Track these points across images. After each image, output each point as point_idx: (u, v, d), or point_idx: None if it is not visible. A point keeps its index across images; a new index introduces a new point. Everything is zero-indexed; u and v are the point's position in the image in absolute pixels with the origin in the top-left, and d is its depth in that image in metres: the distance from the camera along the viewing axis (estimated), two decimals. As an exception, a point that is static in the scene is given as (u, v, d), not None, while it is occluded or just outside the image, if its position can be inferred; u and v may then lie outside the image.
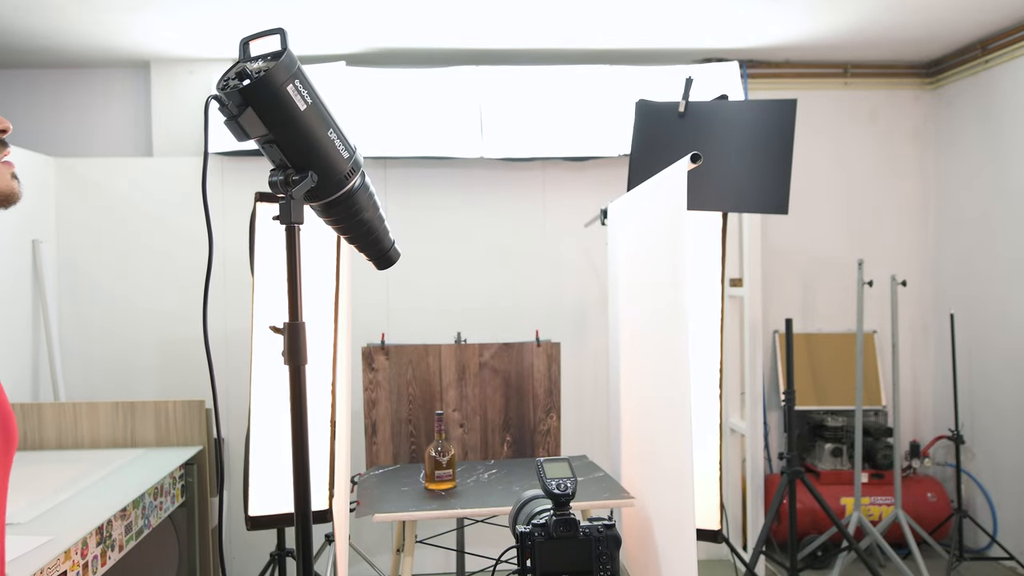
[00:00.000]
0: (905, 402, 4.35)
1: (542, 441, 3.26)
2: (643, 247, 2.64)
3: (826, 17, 3.58)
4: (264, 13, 3.36)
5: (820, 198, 4.34)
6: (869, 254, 4.28)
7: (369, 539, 3.93)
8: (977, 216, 4.10)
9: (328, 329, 2.67)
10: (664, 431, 2.40)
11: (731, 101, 3.03)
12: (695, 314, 3.02)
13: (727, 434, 4.01)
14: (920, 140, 4.45)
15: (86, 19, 3.39)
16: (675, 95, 3.02)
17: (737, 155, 2.88)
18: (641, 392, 2.69)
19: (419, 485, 2.75)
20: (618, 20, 3.57)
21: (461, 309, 3.99)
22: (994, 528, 3.99)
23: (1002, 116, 3.92)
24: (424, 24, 3.57)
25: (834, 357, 4.28)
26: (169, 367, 3.85)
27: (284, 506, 2.74)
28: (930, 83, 4.41)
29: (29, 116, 4.06)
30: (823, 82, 4.35)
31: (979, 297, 4.08)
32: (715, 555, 3.97)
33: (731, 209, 2.99)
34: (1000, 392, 3.94)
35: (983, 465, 4.09)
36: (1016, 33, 3.74)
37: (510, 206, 4.08)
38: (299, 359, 1.19)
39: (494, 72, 3.90)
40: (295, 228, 1.19)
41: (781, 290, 4.34)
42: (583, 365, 4.06)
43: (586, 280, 4.08)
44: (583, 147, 3.89)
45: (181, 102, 3.98)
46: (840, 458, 4.11)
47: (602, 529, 1.43)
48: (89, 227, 3.82)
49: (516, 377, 3.24)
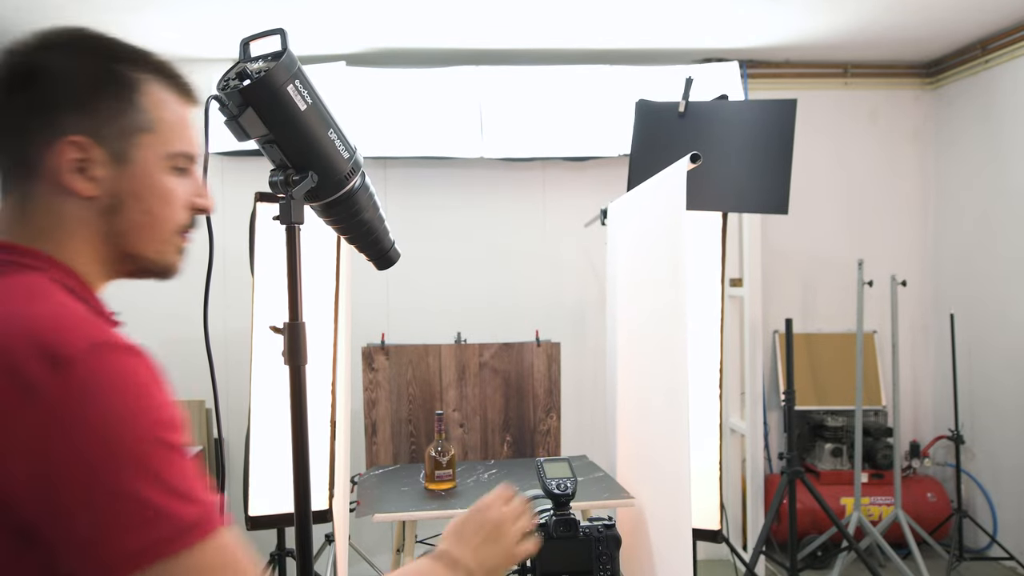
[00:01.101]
0: (905, 402, 4.35)
1: (542, 441, 3.26)
2: (643, 247, 2.64)
3: (826, 17, 3.58)
4: (264, 13, 3.36)
5: (820, 198, 4.33)
6: (869, 254, 4.27)
7: (369, 539, 3.93)
8: (977, 216, 4.11)
9: (328, 329, 2.67)
10: (662, 431, 2.40)
11: (731, 101, 3.03)
12: (695, 314, 3.02)
13: (727, 434, 4.01)
14: (920, 140, 4.45)
15: (86, 19, 3.38)
16: (675, 95, 3.02)
17: (737, 155, 2.88)
18: (640, 392, 2.69)
19: (419, 485, 2.75)
20: (618, 20, 3.58)
21: (461, 309, 3.99)
22: (994, 528, 3.99)
23: (1002, 116, 3.92)
24: (424, 24, 3.57)
25: (834, 357, 4.28)
26: (169, 367, 3.83)
27: (284, 506, 2.73)
28: (930, 83, 4.41)
29: (29, 116, 4.06)
30: (823, 82, 4.35)
31: (979, 297, 4.08)
32: (715, 555, 3.97)
33: (731, 209, 2.99)
34: (1000, 392, 3.94)
35: (983, 465, 4.09)
36: (1016, 33, 3.74)
37: (510, 206, 4.08)
38: (299, 359, 1.19)
39: (494, 72, 3.90)
40: (295, 228, 1.19)
41: (781, 290, 4.34)
42: (583, 365, 4.06)
43: (586, 280, 4.08)
44: (583, 147, 3.89)
45: (181, 102, 3.98)
46: (840, 458, 4.11)
47: (602, 529, 1.44)
48: (89, 227, 3.83)
49: (516, 377, 3.24)
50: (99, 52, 0.83)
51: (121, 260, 0.88)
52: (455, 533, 1.04)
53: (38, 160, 0.81)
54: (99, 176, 0.83)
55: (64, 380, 0.69)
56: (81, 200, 0.83)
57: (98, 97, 0.82)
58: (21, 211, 0.83)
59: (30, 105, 0.80)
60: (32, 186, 0.82)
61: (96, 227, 0.84)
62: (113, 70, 0.83)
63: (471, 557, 1.00)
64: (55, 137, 0.81)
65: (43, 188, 0.82)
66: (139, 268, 0.90)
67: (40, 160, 0.81)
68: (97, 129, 0.81)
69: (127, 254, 0.87)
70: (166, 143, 0.86)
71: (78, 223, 0.83)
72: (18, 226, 0.82)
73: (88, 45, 0.83)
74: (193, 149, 0.90)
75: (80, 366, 0.70)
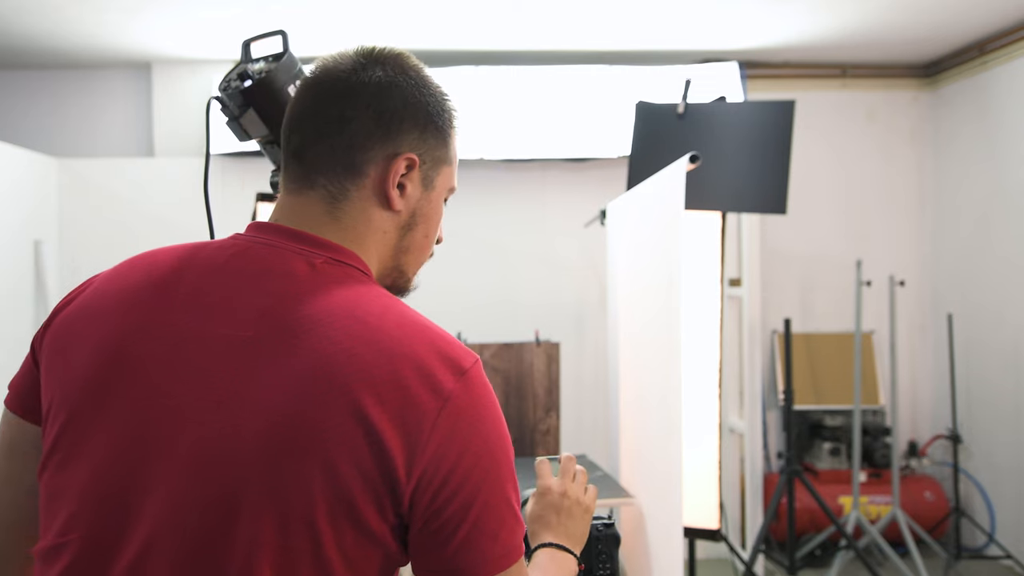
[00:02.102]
0: (903, 401, 4.36)
1: (542, 440, 3.27)
2: (642, 247, 2.66)
3: (825, 18, 3.59)
4: (265, 14, 3.37)
5: (818, 198, 4.34)
6: (867, 254, 4.28)
7: (369, 538, 3.93)
8: (975, 216, 4.12)
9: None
10: (658, 430, 2.42)
11: (730, 102, 3.04)
12: (694, 314, 3.03)
13: (726, 433, 4.02)
14: (918, 140, 4.46)
15: (88, 20, 3.40)
16: (674, 95, 3.03)
17: (736, 155, 2.89)
18: (638, 391, 2.70)
19: (419, 484, 2.76)
20: (617, 20, 3.59)
21: (461, 309, 4.00)
22: (992, 527, 4.00)
23: (1000, 117, 3.93)
24: (424, 24, 3.58)
25: (832, 357, 4.29)
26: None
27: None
28: (928, 84, 4.42)
29: (31, 117, 4.07)
30: (821, 83, 4.36)
31: (977, 297, 4.10)
32: (714, 554, 3.98)
33: (730, 209, 3.00)
34: (998, 391, 3.95)
35: (981, 464, 4.10)
36: (1014, 34, 3.75)
37: (510, 206, 4.09)
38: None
39: (494, 72, 3.92)
40: (297, 228, 1.20)
41: (780, 290, 4.35)
42: (583, 365, 4.07)
43: (586, 280, 4.09)
44: (583, 148, 3.90)
45: (182, 103, 4.00)
46: (838, 457, 4.12)
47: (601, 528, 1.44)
48: (91, 227, 3.83)
49: (516, 377, 3.25)
50: (435, 89, 0.92)
51: (390, 273, 0.94)
52: (540, 524, 1.07)
53: (367, 167, 0.87)
54: (410, 194, 0.90)
55: (465, 387, 0.78)
56: (389, 212, 0.89)
57: (431, 127, 0.90)
58: (332, 209, 0.87)
59: (382, 117, 0.87)
60: (351, 190, 0.87)
61: (392, 240, 0.91)
62: (444, 107, 0.92)
63: (565, 537, 1.06)
64: (394, 152, 0.87)
65: (361, 193, 0.88)
66: (395, 284, 0.95)
67: (369, 168, 0.87)
68: (423, 153, 0.89)
69: (399, 269, 0.94)
70: (452, 178, 0.96)
71: (380, 232, 0.90)
72: (331, 223, 0.87)
73: (426, 79, 0.92)
74: (455, 186, 0.98)
75: (472, 377, 0.79)
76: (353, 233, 0.88)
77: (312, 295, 0.80)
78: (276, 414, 0.74)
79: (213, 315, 0.81)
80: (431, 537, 0.76)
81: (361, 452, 0.73)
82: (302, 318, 0.78)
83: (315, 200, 0.87)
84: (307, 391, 0.74)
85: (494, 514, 0.77)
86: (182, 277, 0.84)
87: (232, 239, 0.88)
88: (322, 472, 0.73)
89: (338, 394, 0.74)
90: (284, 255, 0.84)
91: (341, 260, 0.85)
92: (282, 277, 0.82)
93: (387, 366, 0.75)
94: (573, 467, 1.13)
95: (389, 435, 0.73)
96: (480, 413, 0.78)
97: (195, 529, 0.75)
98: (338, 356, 0.75)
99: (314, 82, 0.90)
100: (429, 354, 0.78)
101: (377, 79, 0.87)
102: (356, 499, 0.74)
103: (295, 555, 0.73)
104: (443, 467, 0.75)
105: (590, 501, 1.12)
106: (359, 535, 0.75)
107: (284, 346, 0.77)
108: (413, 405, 0.75)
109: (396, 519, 0.76)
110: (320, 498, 0.73)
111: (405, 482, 0.74)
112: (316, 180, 0.87)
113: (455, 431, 0.76)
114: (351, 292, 0.82)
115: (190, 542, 0.75)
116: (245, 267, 0.84)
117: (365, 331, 0.77)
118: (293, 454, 0.73)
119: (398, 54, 0.91)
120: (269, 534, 0.73)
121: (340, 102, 0.87)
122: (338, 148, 0.86)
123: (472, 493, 0.76)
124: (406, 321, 0.81)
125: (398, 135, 0.87)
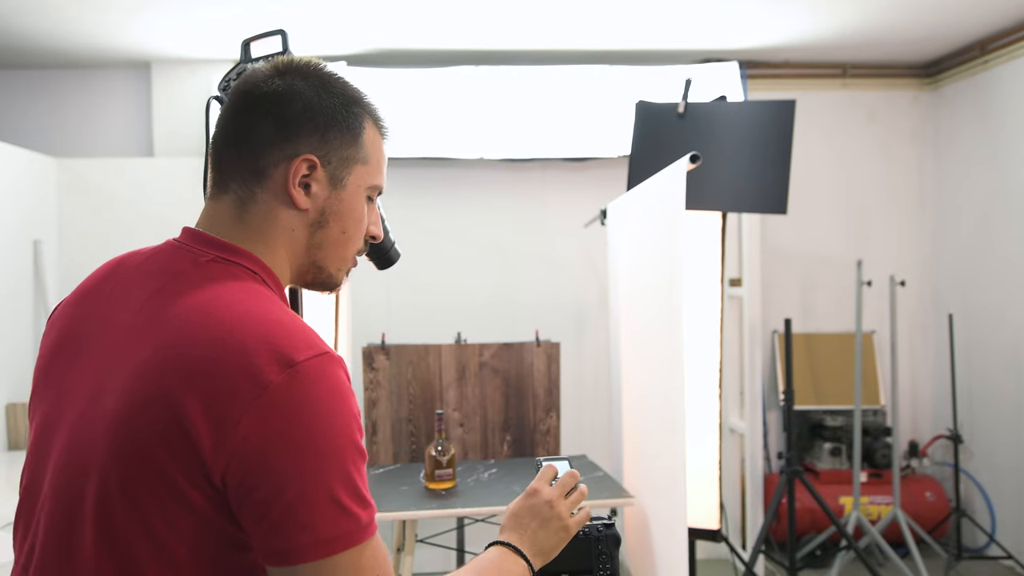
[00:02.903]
0: (904, 402, 4.36)
1: (542, 440, 3.26)
2: (643, 247, 2.65)
3: (825, 17, 3.59)
4: (265, 14, 3.37)
5: (819, 198, 4.34)
6: (868, 254, 4.28)
7: (369, 538, 3.93)
8: (976, 216, 4.11)
9: (329, 329, 2.68)
10: (660, 430, 2.41)
11: (730, 102, 3.04)
12: (695, 314, 3.03)
13: (726, 434, 4.01)
14: (919, 140, 4.46)
15: (87, 20, 3.40)
16: (675, 95, 3.03)
17: (736, 155, 2.89)
18: (640, 391, 2.70)
19: (419, 484, 2.76)
20: (618, 20, 3.58)
21: (461, 309, 4.00)
22: (992, 527, 4.00)
23: (1001, 116, 3.93)
24: (424, 24, 3.58)
25: (833, 357, 4.29)
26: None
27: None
28: (929, 83, 4.42)
29: (30, 116, 4.07)
30: (822, 82, 4.36)
31: (978, 297, 4.09)
32: (714, 554, 3.98)
33: (730, 209, 3.00)
34: (998, 392, 3.95)
35: (981, 464, 4.10)
36: (1015, 34, 3.75)
37: (510, 206, 4.08)
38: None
39: (494, 72, 3.91)
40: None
41: (780, 290, 4.35)
42: (583, 365, 4.07)
43: (586, 280, 4.09)
44: (583, 147, 3.90)
45: (182, 103, 3.99)
46: (839, 457, 4.12)
47: (602, 528, 1.44)
48: (90, 227, 3.83)
49: (516, 377, 3.24)
50: (339, 92, 0.97)
51: (308, 270, 1.00)
52: (513, 522, 1.09)
53: (270, 171, 0.93)
54: (316, 194, 0.95)
55: (290, 379, 0.80)
56: (296, 211, 0.95)
57: (334, 129, 0.95)
58: (240, 212, 0.94)
59: (280, 123, 0.93)
60: (257, 192, 0.94)
61: (301, 237, 0.96)
62: (351, 110, 0.97)
63: (530, 544, 1.07)
64: (293, 154, 0.93)
65: (266, 196, 0.94)
66: (316, 279, 1.01)
67: (272, 171, 0.93)
68: (326, 154, 0.95)
69: (316, 265, 0.99)
70: (370, 176, 1.00)
71: (288, 231, 0.96)
72: (237, 224, 0.94)
73: (330, 84, 0.97)
74: (383, 184, 1.03)
75: (302, 371, 0.81)
76: (259, 234, 0.94)
77: (186, 291, 0.87)
78: (121, 397, 0.84)
79: (117, 305, 0.91)
80: (248, 516, 0.81)
81: (173, 433, 0.80)
82: (167, 311, 0.86)
83: (227, 204, 0.95)
84: (142, 376, 0.83)
85: (308, 504, 0.79)
86: (116, 273, 0.96)
87: (164, 242, 0.96)
88: (145, 451, 0.81)
89: (160, 381, 0.82)
90: (181, 254, 0.92)
91: (228, 259, 0.91)
92: (168, 274, 0.90)
93: (210, 356, 0.81)
94: (572, 484, 1.14)
95: (197, 419, 0.79)
96: (304, 406, 0.80)
97: (63, 493, 0.86)
98: (172, 347, 0.83)
99: (231, 96, 0.97)
100: (258, 346, 0.81)
101: (276, 87, 0.93)
102: (175, 478, 0.80)
103: (131, 519, 0.82)
104: (251, 451, 0.79)
105: (574, 523, 1.13)
106: (181, 507, 0.81)
107: (146, 334, 0.85)
108: (227, 392, 0.79)
109: (213, 492, 0.81)
110: (144, 474, 0.81)
111: (212, 461, 0.79)
112: (228, 186, 0.95)
113: (269, 419, 0.79)
114: (220, 288, 0.88)
115: (58, 506, 0.87)
116: (151, 266, 0.93)
117: (205, 323, 0.83)
118: (127, 434, 0.82)
119: (306, 63, 0.97)
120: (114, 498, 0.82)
121: (246, 113, 0.94)
122: (245, 155, 0.93)
123: (285, 480, 0.79)
124: (249, 316, 0.84)
125: (297, 138, 0.93)
